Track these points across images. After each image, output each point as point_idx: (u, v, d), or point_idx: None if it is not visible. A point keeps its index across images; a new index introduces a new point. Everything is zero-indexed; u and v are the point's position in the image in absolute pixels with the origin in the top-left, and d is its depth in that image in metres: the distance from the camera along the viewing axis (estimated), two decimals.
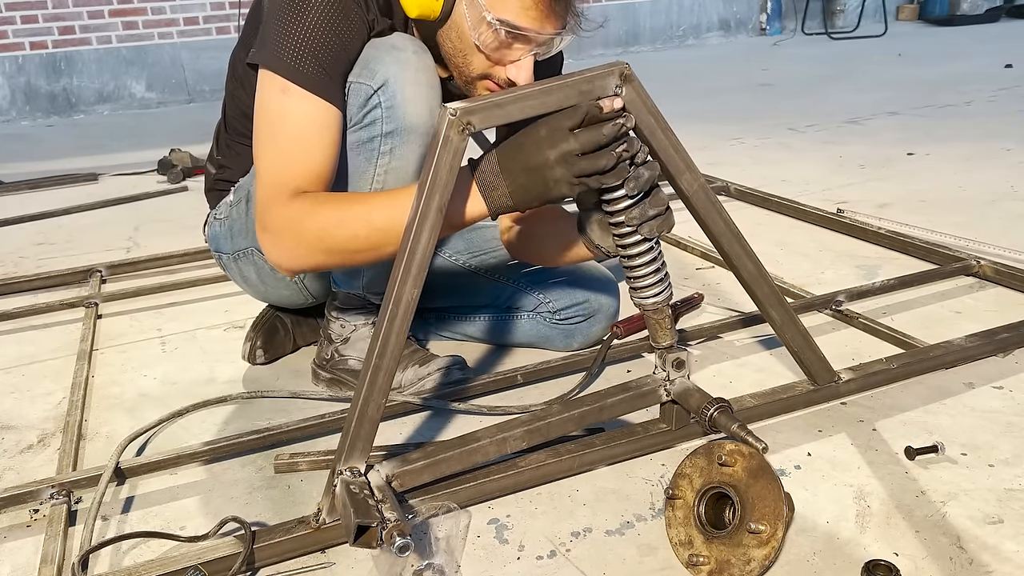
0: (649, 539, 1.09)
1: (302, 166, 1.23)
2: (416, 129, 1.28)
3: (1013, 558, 1.00)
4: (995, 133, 3.31)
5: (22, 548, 1.16)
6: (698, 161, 1.18)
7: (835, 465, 1.22)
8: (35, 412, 1.57)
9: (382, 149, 1.30)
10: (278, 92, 1.22)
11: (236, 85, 1.46)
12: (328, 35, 1.22)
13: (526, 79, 1.26)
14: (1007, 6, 7.97)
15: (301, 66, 1.20)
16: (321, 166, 1.24)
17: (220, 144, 1.57)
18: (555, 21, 1.23)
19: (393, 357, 1.04)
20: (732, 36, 8.03)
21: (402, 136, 1.29)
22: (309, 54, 1.20)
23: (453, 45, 1.28)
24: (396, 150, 1.30)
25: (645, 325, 1.27)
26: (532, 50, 1.25)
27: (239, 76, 1.43)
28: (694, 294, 1.85)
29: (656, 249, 1.17)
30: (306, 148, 1.23)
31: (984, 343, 1.50)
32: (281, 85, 1.21)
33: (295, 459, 1.29)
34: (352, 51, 1.26)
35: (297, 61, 1.20)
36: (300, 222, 1.21)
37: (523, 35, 1.22)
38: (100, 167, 3.88)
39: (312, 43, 1.21)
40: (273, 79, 1.22)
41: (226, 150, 1.55)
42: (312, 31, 1.21)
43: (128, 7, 5.88)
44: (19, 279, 2.26)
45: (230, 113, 1.51)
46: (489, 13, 1.20)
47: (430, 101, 1.28)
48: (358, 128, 1.29)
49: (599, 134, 1.04)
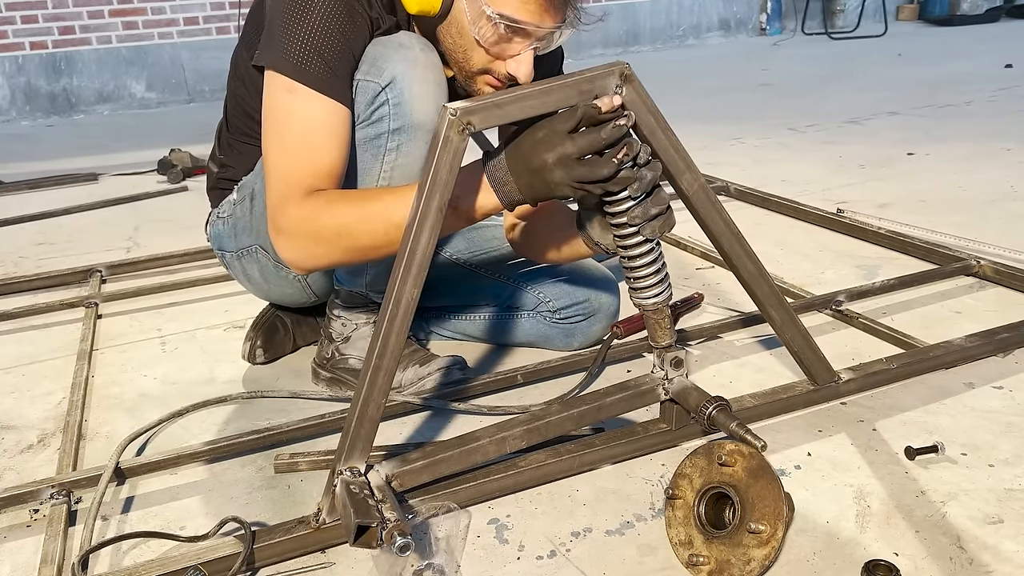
0: (649, 539, 1.09)
1: (312, 165, 1.23)
2: (423, 126, 1.29)
3: (1013, 558, 1.00)
4: (995, 133, 3.31)
5: (22, 548, 1.16)
6: (698, 161, 1.18)
7: (835, 465, 1.22)
8: (35, 412, 1.57)
9: (389, 146, 1.30)
10: (285, 92, 1.22)
11: (238, 84, 1.46)
12: (332, 33, 1.22)
13: (526, 74, 1.26)
14: (1007, 6, 7.97)
15: (307, 65, 1.21)
16: (332, 164, 1.24)
17: (222, 143, 1.57)
18: (554, 15, 1.23)
19: (393, 357, 1.04)
20: (732, 36, 8.03)
21: (409, 133, 1.29)
22: (314, 53, 1.21)
23: (453, 41, 1.28)
24: (403, 147, 1.30)
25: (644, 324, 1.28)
26: (531, 44, 1.25)
27: (241, 75, 1.44)
28: (694, 294, 1.85)
29: (657, 249, 1.17)
30: (316, 147, 1.23)
31: (984, 343, 1.50)
32: (288, 85, 1.21)
33: (295, 459, 1.29)
34: (357, 48, 1.26)
35: (302, 60, 1.21)
36: (317, 221, 1.21)
37: (522, 29, 1.22)
38: (100, 167, 3.88)
39: (317, 42, 1.21)
40: (279, 80, 1.22)
41: (228, 149, 1.55)
42: (316, 30, 1.21)
43: (128, 7, 5.88)
44: (19, 279, 2.26)
45: (232, 112, 1.51)
46: (488, 7, 1.20)
47: (437, 98, 1.28)
48: (365, 125, 1.30)
49: (596, 138, 1.04)
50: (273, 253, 1.46)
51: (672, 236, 2.23)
